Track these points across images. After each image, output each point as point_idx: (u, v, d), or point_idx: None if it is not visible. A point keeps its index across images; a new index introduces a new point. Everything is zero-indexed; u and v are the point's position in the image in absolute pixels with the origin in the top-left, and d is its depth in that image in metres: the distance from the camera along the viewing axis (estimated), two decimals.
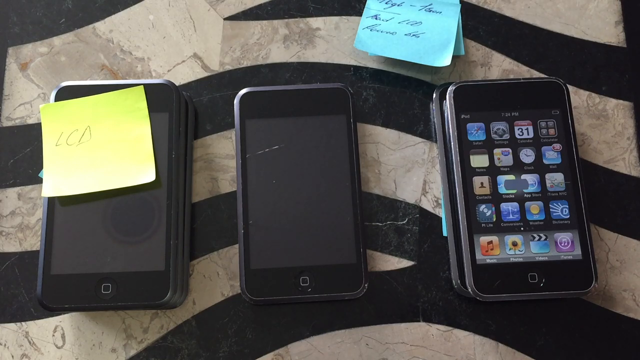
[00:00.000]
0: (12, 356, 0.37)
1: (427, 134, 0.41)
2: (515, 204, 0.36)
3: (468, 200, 0.36)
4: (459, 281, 0.37)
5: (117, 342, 0.37)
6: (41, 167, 0.40)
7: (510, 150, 0.37)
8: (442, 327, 0.37)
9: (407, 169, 0.40)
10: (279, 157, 0.38)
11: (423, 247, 0.39)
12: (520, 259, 0.36)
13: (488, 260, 0.36)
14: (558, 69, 0.42)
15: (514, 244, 0.36)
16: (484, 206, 0.36)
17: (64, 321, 0.38)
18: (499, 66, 0.42)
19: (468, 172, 0.37)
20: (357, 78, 0.42)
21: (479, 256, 0.36)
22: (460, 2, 0.43)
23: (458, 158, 0.37)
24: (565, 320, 0.37)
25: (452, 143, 0.37)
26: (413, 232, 0.39)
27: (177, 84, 0.41)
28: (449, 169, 0.38)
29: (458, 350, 0.37)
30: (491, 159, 0.37)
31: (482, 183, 0.37)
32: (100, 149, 0.37)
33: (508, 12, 0.43)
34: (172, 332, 0.37)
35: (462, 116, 0.38)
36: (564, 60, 0.42)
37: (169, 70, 0.42)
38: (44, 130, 0.37)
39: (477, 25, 0.43)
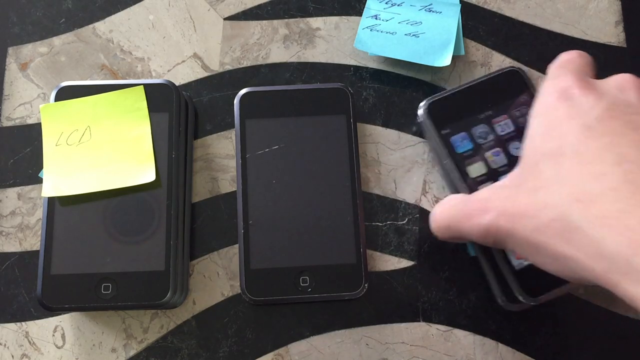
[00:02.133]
0: (12, 356, 0.37)
1: None
2: None
3: None
4: (504, 297, 0.36)
5: (117, 342, 0.37)
6: (41, 167, 0.40)
7: (500, 149, 0.37)
8: (442, 327, 0.37)
9: (407, 169, 0.40)
10: (279, 157, 0.38)
11: (423, 247, 0.39)
12: None
13: (525, 263, 0.35)
14: None
15: None
16: None
17: (64, 321, 0.38)
18: (499, 66, 0.42)
19: (472, 185, 0.36)
20: (357, 78, 0.42)
21: (515, 262, 0.35)
22: (460, 2, 0.43)
23: (458, 174, 0.37)
24: (566, 320, 0.37)
25: (447, 164, 0.37)
26: (413, 232, 0.39)
27: (177, 84, 0.41)
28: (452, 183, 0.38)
29: (458, 350, 0.37)
30: (486, 163, 0.37)
31: None
32: (100, 149, 0.37)
33: (508, 12, 0.43)
34: (172, 332, 0.37)
35: (443, 132, 0.37)
36: None
37: (169, 70, 0.42)
38: (44, 130, 0.37)
39: (477, 25, 0.43)
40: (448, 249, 0.38)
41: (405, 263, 0.38)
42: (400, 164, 0.40)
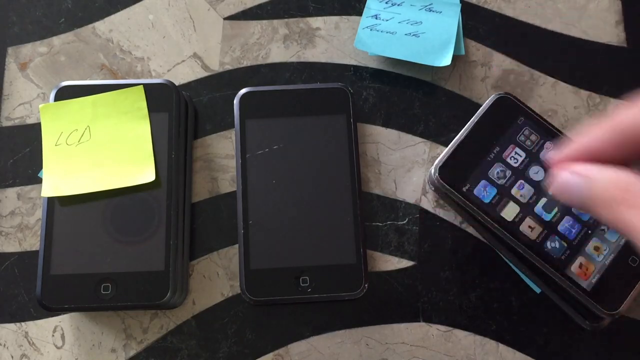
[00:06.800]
0: (12, 356, 0.37)
1: (427, 134, 0.41)
2: (567, 217, 0.35)
3: (534, 249, 0.35)
4: (587, 322, 0.36)
5: (116, 342, 0.37)
6: (41, 167, 0.40)
7: (522, 181, 0.36)
8: (442, 328, 0.37)
9: (407, 169, 0.40)
10: (279, 157, 0.38)
11: (423, 247, 0.39)
12: (612, 256, 0.35)
13: (593, 280, 0.34)
14: (558, 69, 0.42)
15: (596, 249, 0.35)
16: (548, 242, 0.35)
17: (64, 321, 0.37)
18: (500, 66, 0.42)
19: (512, 229, 0.35)
20: (357, 78, 0.42)
21: (585, 285, 0.34)
22: (461, 2, 0.43)
23: (502, 231, 0.35)
24: (566, 320, 0.37)
25: (486, 223, 0.35)
26: (413, 232, 0.39)
27: (176, 83, 0.41)
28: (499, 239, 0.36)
29: (458, 351, 0.37)
30: (516, 200, 0.36)
31: (529, 227, 0.35)
32: (99, 149, 0.37)
33: (508, 11, 0.43)
34: (171, 333, 0.37)
35: (464, 189, 0.36)
36: (565, 60, 0.42)
37: (168, 70, 0.42)
38: (44, 130, 0.37)
39: (477, 24, 0.43)
40: (448, 248, 0.38)
41: (405, 263, 0.38)
42: (401, 164, 0.40)
